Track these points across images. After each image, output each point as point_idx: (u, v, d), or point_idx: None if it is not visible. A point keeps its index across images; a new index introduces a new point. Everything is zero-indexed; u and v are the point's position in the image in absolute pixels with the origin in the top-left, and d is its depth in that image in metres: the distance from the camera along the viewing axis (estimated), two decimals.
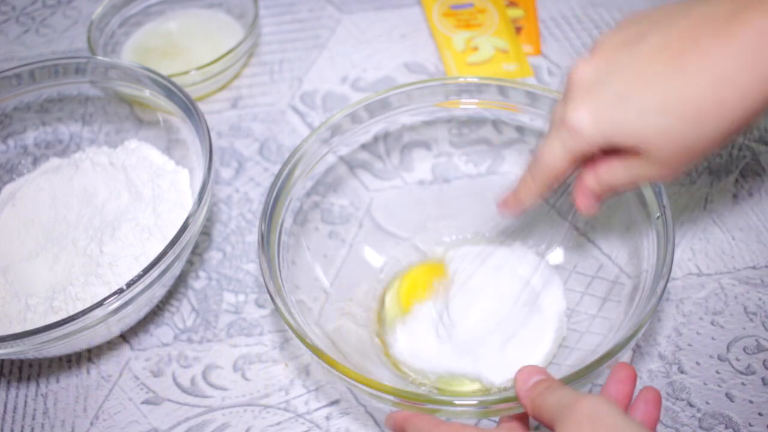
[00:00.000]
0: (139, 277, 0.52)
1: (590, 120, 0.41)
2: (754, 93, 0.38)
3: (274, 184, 0.54)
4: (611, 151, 0.43)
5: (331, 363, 0.46)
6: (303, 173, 0.57)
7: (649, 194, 0.51)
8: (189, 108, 0.61)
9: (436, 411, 0.45)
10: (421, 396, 0.45)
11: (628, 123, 0.40)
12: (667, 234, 0.48)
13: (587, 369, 0.44)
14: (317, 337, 0.50)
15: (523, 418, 0.45)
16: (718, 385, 0.54)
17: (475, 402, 0.43)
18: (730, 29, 0.37)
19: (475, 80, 0.58)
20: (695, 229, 0.63)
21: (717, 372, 0.55)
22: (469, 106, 0.60)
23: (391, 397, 0.45)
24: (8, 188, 0.67)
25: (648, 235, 0.50)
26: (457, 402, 0.43)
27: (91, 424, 0.56)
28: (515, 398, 0.42)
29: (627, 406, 0.43)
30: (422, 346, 0.55)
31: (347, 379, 0.46)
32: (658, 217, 0.49)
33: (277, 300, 0.49)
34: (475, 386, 0.54)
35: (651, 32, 0.40)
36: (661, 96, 0.39)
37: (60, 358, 0.60)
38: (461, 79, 0.59)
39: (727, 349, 0.56)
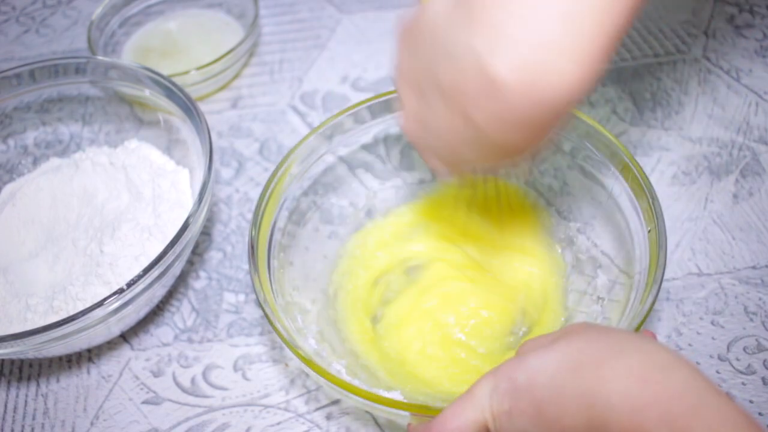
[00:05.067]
0: (139, 277, 0.52)
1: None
2: None
3: (267, 184, 0.54)
4: None
5: (321, 372, 0.46)
6: (300, 173, 0.57)
7: (643, 202, 0.51)
8: (189, 108, 0.61)
9: None
10: (419, 405, 0.44)
11: None
12: (659, 239, 0.48)
13: None
14: (315, 340, 0.50)
15: None
16: (718, 385, 0.54)
17: None
18: None
19: None
20: (695, 229, 0.63)
21: (717, 372, 0.55)
22: None
23: (382, 407, 0.44)
24: (8, 188, 0.67)
25: (641, 238, 0.50)
26: None
27: (91, 424, 0.56)
28: None
29: None
30: None
31: (337, 388, 0.45)
32: (650, 231, 0.49)
33: (266, 308, 0.49)
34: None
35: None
36: None
37: (60, 358, 0.60)
38: None
39: (727, 349, 0.56)
